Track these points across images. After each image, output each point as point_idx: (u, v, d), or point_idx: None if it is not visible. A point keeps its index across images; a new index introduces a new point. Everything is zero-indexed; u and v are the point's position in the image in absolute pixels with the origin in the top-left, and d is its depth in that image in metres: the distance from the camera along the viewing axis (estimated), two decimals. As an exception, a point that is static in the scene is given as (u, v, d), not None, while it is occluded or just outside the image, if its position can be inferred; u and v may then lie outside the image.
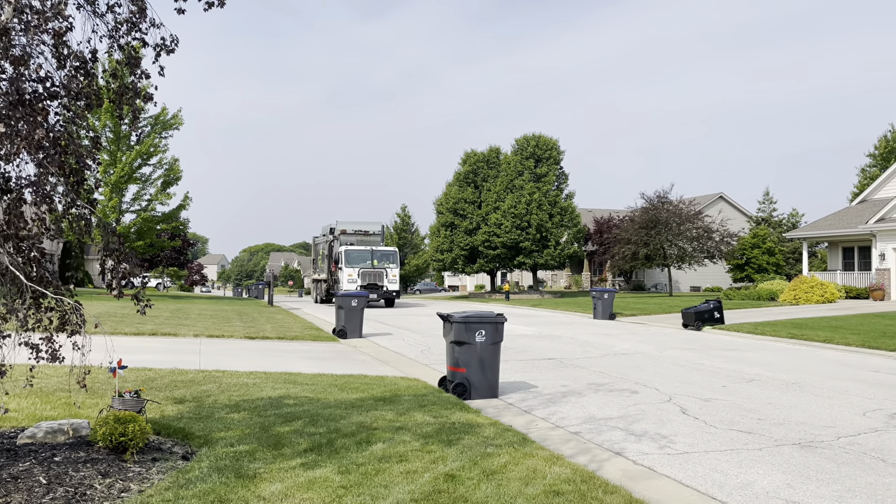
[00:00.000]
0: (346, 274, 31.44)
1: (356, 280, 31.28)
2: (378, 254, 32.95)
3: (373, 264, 32.30)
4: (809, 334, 17.44)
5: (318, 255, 38.72)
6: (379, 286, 31.81)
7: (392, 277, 32.39)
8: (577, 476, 5.55)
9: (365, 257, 32.37)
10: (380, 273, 32.10)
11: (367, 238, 34.32)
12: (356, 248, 32.67)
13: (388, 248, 33.84)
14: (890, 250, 29.04)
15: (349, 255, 32.05)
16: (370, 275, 31.79)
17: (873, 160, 51.73)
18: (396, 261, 33.22)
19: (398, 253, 33.69)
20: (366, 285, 31.21)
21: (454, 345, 9.37)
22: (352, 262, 31.85)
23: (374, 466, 5.63)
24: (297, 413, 7.52)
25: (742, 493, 5.47)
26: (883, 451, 6.77)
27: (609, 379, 11.14)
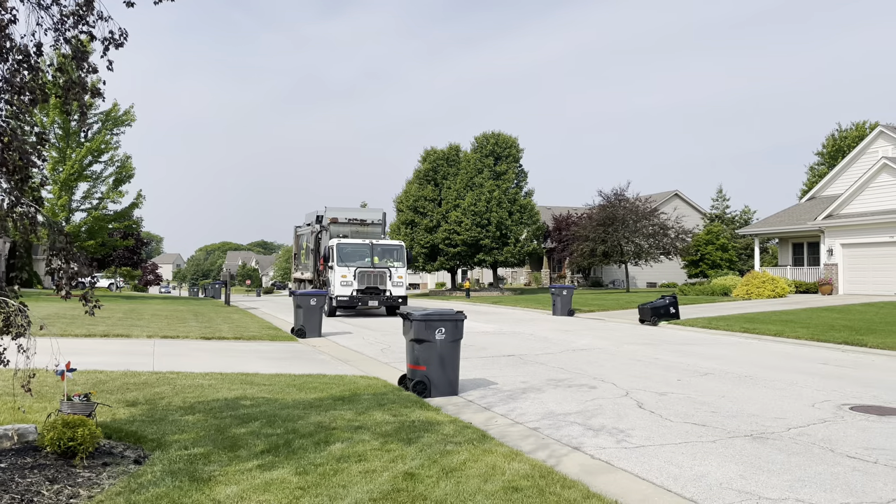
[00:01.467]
0: (338, 274, 24.02)
1: (351, 283, 24.05)
2: (379, 249, 25.26)
3: (373, 262, 24.77)
4: (761, 328, 17.87)
5: (302, 248, 30.71)
6: (380, 291, 24.32)
7: (397, 279, 24.80)
8: (536, 472, 5.58)
9: (362, 253, 24.90)
10: (381, 274, 24.53)
11: (365, 229, 26.85)
12: (351, 242, 25.11)
13: (393, 241, 26.02)
14: (837, 246, 29.95)
15: (342, 251, 24.57)
16: (369, 276, 24.35)
17: (822, 158, 53.31)
18: (403, 258, 25.39)
19: (405, 248, 25.91)
20: (363, 290, 24.12)
21: (414, 343, 9.34)
22: (346, 259, 24.41)
23: (332, 466, 5.57)
24: (254, 414, 7.41)
25: (696, 484, 5.57)
26: (831, 441, 6.96)
27: (568, 374, 11.25)
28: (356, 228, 26.69)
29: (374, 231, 27.16)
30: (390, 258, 25.29)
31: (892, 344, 14.49)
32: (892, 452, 6.52)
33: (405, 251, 25.72)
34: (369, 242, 25.23)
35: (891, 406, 8.74)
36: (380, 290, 24.40)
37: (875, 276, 28.45)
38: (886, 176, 27.98)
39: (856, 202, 29.22)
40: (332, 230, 26.06)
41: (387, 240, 26.40)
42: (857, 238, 29.13)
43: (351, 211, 27.52)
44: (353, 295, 23.83)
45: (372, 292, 24.30)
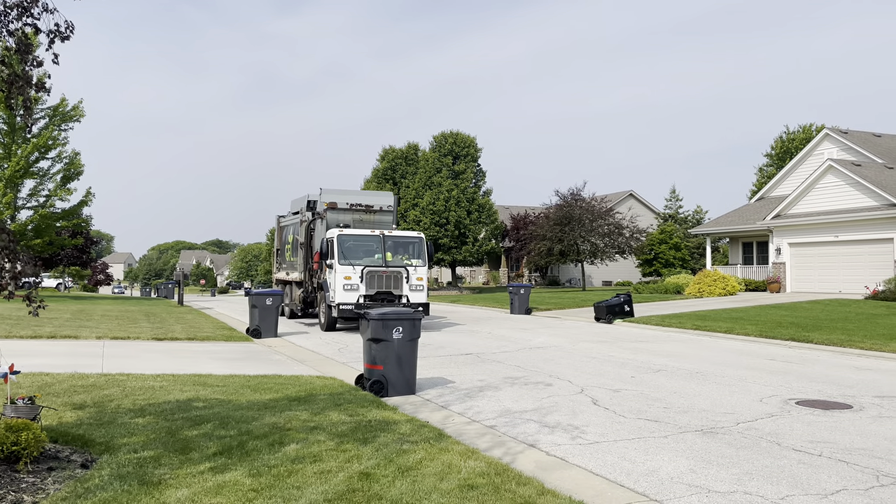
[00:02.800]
0: (339, 276, 18.17)
1: (357, 286, 18.18)
2: (393, 242, 19.19)
3: (385, 260, 18.74)
4: (712, 325, 18.28)
5: (287, 243, 24.14)
6: (395, 297, 18.58)
7: (417, 282, 18.85)
8: (492, 469, 5.61)
9: (371, 248, 18.99)
10: (396, 275, 18.58)
11: (371, 217, 20.66)
12: (357, 234, 19.01)
13: (410, 232, 19.91)
14: (785, 245, 30.81)
15: (345, 245, 18.62)
16: (381, 278, 18.43)
17: (770, 160, 54.74)
18: (423, 254, 19.34)
19: (426, 241, 19.68)
20: (373, 295, 18.29)
21: (371, 342, 9.30)
22: (349, 255, 18.51)
23: (286, 468, 5.51)
24: (207, 416, 7.28)
25: (648, 479, 5.67)
26: (778, 435, 7.16)
27: (524, 372, 11.34)
28: (360, 216, 20.43)
29: (384, 220, 20.64)
30: (407, 254, 19.23)
31: (836, 340, 14.98)
32: (836, 445, 6.74)
33: (427, 245, 19.34)
34: (380, 234, 18.95)
35: (835, 400, 9.03)
36: (394, 295, 18.34)
37: (821, 275, 29.36)
38: (832, 177, 28.90)
39: (803, 203, 30.11)
40: (330, 218, 19.95)
41: (402, 231, 20.02)
42: (803, 237, 30.02)
43: (353, 194, 21.27)
44: (359, 303, 17.76)
45: (384, 299, 18.22)
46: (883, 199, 26.39)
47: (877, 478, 5.72)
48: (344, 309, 17.85)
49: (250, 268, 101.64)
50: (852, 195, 27.95)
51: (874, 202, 26.90)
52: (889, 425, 7.61)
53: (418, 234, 19.65)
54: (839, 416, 8.10)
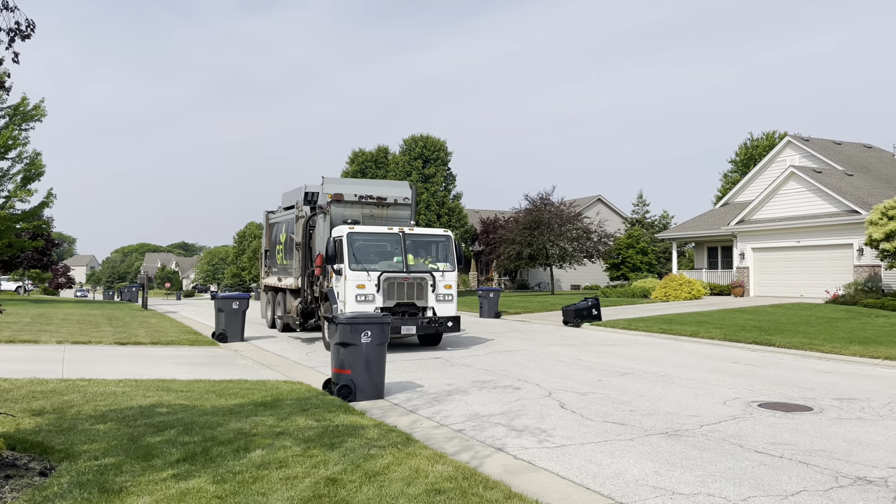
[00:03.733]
0: (351, 283, 14.56)
1: (372, 296, 14.58)
2: (414, 242, 15.55)
3: (406, 264, 15.16)
4: (678, 329, 18.53)
5: (278, 243, 20.34)
6: (419, 309, 15.00)
7: (445, 291, 15.27)
8: (459, 473, 5.61)
9: (388, 249, 15.49)
10: (420, 282, 15.01)
11: (385, 212, 17.12)
12: (371, 231, 15.39)
13: (435, 230, 16.28)
14: (749, 250, 31.37)
15: (357, 245, 15.04)
16: (401, 286, 14.87)
17: (735, 166, 55.72)
18: (452, 255, 15.71)
19: (454, 240, 15.98)
20: (393, 307, 14.70)
21: (339, 346, 9.24)
22: (362, 258, 14.94)
23: (251, 474, 5.44)
24: (170, 422, 7.16)
25: (614, 482, 5.72)
26: (741, 437, 7.28)
27: (493, 376, 11.36)
28: (371, 211, 16.84)
29: (399, 215, 17.08)
30: (431, 256, 15.60)
31: (797, 343, 15.28)
32: (797, 447, 6.87)
33: (455, 245, 15.69)
34: (398, 231, 15.28)
35: (796, 403, 9.21)
36: (417, 308, 14.84)
37: (783, 279, 29.95)
38: (794, 184, 29.51)
39: (766, 208, 30.69)
40: (335, 213, 16.42)
41: (423, 228, 16.19)
42: (766, 242, 30.60)
43: (363, 184, 17.89)
44: (376, 313, 13.67)
45: (405, 312, 14.73)
46: (843, 205, 27.02)
47: (836, 479, 5.84)
48: None
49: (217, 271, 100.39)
50: (814, 201, 28.57)
51: (834, 208, 27.53)
52: (848, 427, 7.78)
53: (445, 232, 15.86)
54: (800, 418, 8.26)
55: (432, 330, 14.89)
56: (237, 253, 77.46)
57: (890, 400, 9.44)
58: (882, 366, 12.80)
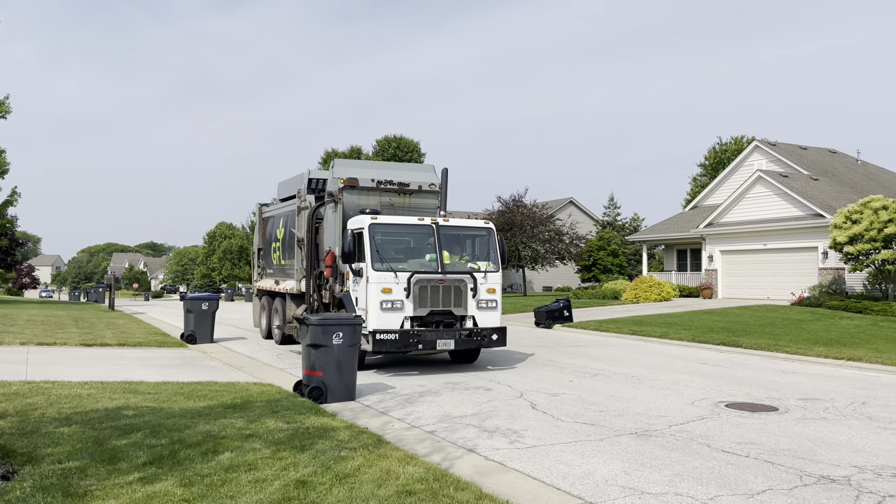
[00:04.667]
0: (374, 287, 11.79)
1: (401, 303, 11.83)
2: (448, 236, 12.67)
3: (441, 263, 12.27)
4: (648, 330, 18.74)
5: (275, 240, 17.51)
6: (456, 318, 12.24)
7: (487, 296, 12.50)
8: (430, 475, 5.60)
9: (418, 244, 12.75)
10: (458, 286, 12.19)
11: (407, 201, 14.09)
12: (397, 223, 12.55)
13: (473, 221, 13.51)
14: (717, 253, 31.84)
15: (380, 240, 12.18)
16: (436, 291, 12.04)
17: (704, 170, 56.58)
18: (495, 253, 12.93)
19: (496, 233, 13.21)
20: (426, 316, 12.01)
21: (310, 348, 9.18)
22: (388, 255, 12.13)
23: (220, 477, 5.38)
24: (137, 424, 7.05)
25: (584, 482, 5.76)
26: (708, 437, 7.38)
27: (465, 377, 11.38)
28: (391, 199, 13.82)
29: (424, 204, 14.07)
30: (467, 253, 12.84)
31: (764, 344, 15.55)
32: (763, 446, 6.99)
33: (498, 240, 12.96)
34: (431, 223, 12.41)
35: (762, 403, 9.37)
36: (455, 317, 12.10)
37: (750, 281, 30.44)
38: (761, 187, 30.01)
39: (734, 211, 31.17)
40: (347, 202, 13.35)
41: (458, 219, 13.03)
42: (734, 245, 31.07)
43: (381, 167, 14.95)
44: (404, 329, 11.61)
45: (440, 322, 12.01)
46: (808, 209, 27.55)
47: (800, 477, 5.95)
48: (384, 339, 11.32)
49: (186, 271, 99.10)
50: (780, 205, 29.09)
51: (800, 212, 28.06)
52: (812, 427, 7.93)
53: (486, 224, 13.03)
54: (766, 417, 8.41)
55: (473, 344, 12.01)
56: (207, 253, 76.57)
57: (853, 400, 9.64)
58: (845, 366, 13.07)
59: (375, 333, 11.34)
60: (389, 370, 12.22)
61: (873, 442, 7.22)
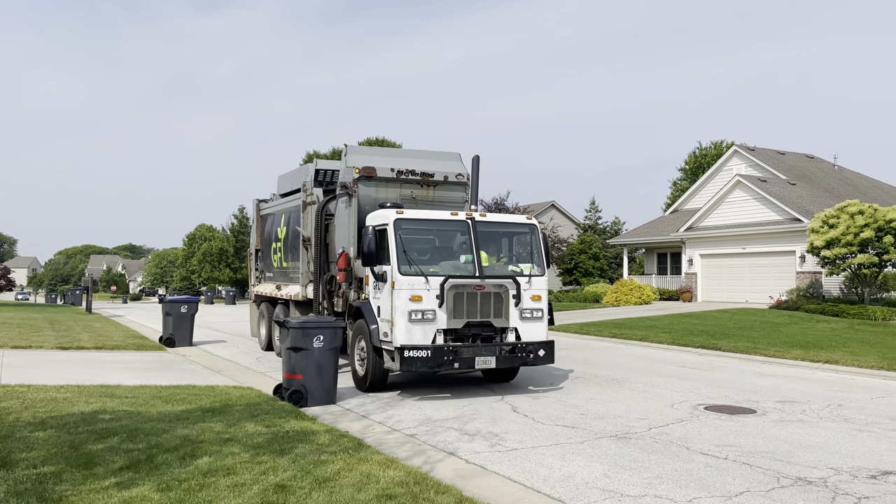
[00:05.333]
0: (401, 292, 9.76)
1: (433, 313, 9.77)
2: (487, 233, 10.73)
3: (479, 266, 10.18)
4: (628, 333, 18.84)
5: (275, 239, 15.89)
6: (496, 331, 10.22)
7: (532, 304, 10.43)
8: (411, 478, 5.59)
9: (450, 243, 10.91)
10: (499, 294, 10.16)
11: (431, 193, 12.35)
12: (427, 218, 10.61)
13: (515, 218, 11.47)
14: (697, 256, 32.11)
15: (406, 238, 10.15)
16: (473, 299, 10.01)
17: (684, 174, 57.05)
18: (539, 253, 10.92)
19: (540, 232, 11.13)
20: (462, 328, 9.94)
21: (291, 351, 9.12)
22: (417, 257, 10.16)
23: (198, 481, 5.32)
24: (114, 428, 6.96)
25: (564, 485, 5.77)
26: (687, 439, 7.43)
27: (446, 381, 11.36)
28: (412, 192, 12.12)
29: (451, 198, 12.43)
30: (505, 255, 11.16)
31: (742, 347, 15.69)
32: (741, 449, 7.05)
33: (542, 237, 11.10)
34: (465, 218, 10.51)
35: (740, 405, 9.45)
36: (495, 329, 10.24)
37: (729, 285, 30.73)
38: (740, 192, 30.33)
39: (713, 216, 31.47)
40: (363, 195, 11.68)
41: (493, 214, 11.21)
42: (713, 249, 31.36)
43: (400, 155, 12.81)
44: (437, 345, 9.73)
45: (477, 336, 10.13)
46: (786, 213, 27.88)
47: (777, 479, 6.01)
48: (414, 357, 9.42)
49: (165, 274, 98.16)
50: (759, 209, 29.41)
51: (778, 216, 28.39)
52: (789, 429, 8.01)
53: (528, 220, 11.16)
54: (744, 420, 8.48)
55: (517, 362, 10.11)
56: (187, 255, 75.90)
57: (829, 402, 9.76)
58: (822, 369, 13.23)
59: (404, 350, 9.42)
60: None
61: (849, 444, 7.31)
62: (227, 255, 65.95)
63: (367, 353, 10.29)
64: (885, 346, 15.50)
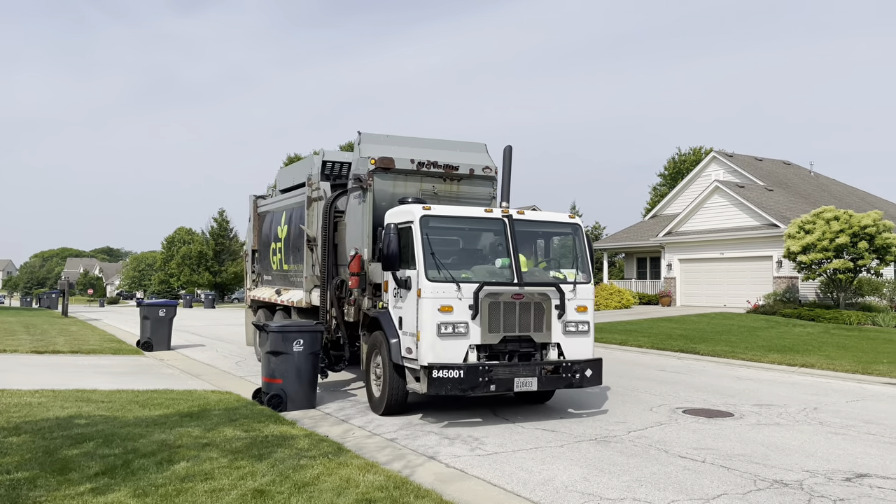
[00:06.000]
0: (428, 301, 8.26)
1: (464, 325, 8.29)
2: (525, 233, 9.25)
3: (517, 271, 8.66)
4: (608, 337, 18.95)
5: (275, 239, 14.54)
6: (537, 346, 8.66)
7: (578, 317, 9.00)
8: (391, 483, 5.57)
9: (483, 245, 9.64)
10: (541, 303, 8.64)
11: (457, 188, 10.94)
12: (458, 215, 9.20)
13: (556, 216, 9.62)
14: (676, 261, 32.40)
15: (434, 238, 8.74)
16: (511, 310, 8.48)
17: (663, 180, 57.52)
18: (585, 257, 9.49)
19: (584, 233, 9.65)
20: (498, 344, 8.44)
21: (270, 355, 9.06)
22: (447, 260, 8.77)
23: (175, 487, 5.27)
24: (90, 433, 6.87)
25: (544, 488, 5.78)
26: (666, 442, 7.48)
27: (426, 385, 11.33)
28: (434, 186, 10.79)
29: (477, 193, 11.09)
30: (544, 259, 9.88)
31: (720, 351, 15.85)
32: (718, 452, 7.11)
33: (586, 238, 9.73)
34: (501, 216, 9.10)
35: (718, 409, 9.54)
36: (535, 344, 8.74)
37: (708, 289, 31.02)
38: (718, 197, 30.65)
39: (692, 221, 31.76)
40: (380, 190, 10.36)
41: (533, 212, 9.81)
42: (692, 254, 31.64)
43: (420, 144, 11.12)
44: (470, 364, 8.23)
45: (515, 352, 8.67)
46: (764, 219, 28.21)
47: (754, 482, 6.07)
48: (444, 378, 8.01)
49: (143, 277, 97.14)
50: (736, 215, 29.73)
51: (756, 222, 28.72)
52: (766, 432, 8.10)
53: (571, 219, 9.67)
54: (722, 423, 8.56)
55: (562, 384, 8.66)
56: (165, 259, 75.13)
57: (805, 406, 9.88)
58: (798, 373, 13.39)
59: (432, 370, 7.99)
60: (349, 378, 12.13)
61: (825, 447, 7.41)
62: (207, 258, 65.35)
63: (384, 371, 8.86)
64: (860, 350, 15.73)
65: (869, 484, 6.06)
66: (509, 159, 10.04)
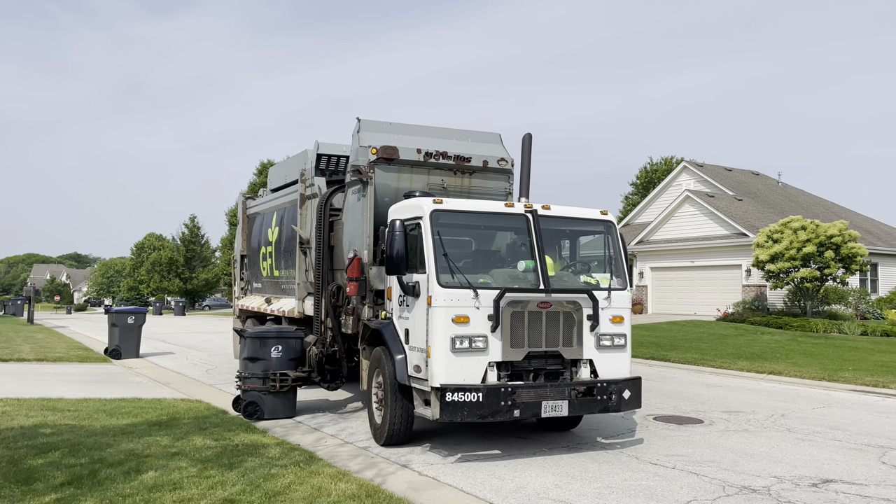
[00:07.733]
0: (441, 310, 6.99)
1: (482, 339, 7.03)
2: (551, 231, 7.98)
3: (543, 275, 7.37)
4: (581, 345, 19.03)
5: (265, 243, 13.06)
6: (566, 363, 7.42)
7: (613, 329, 7.79)
8: (363, 491, 5.54)
9: (502, 245, 8.57)
10: (569, 314, 7.40)
11: (468, 181, 9.60)
12: (473, 210, 7.80)
13: (585, 213, 8.22)
14: (647, 269, 32.75)
15: (446, 237, 7.46)
16: (537, 320, 7.26)
17: (635, 189, 58.15)
18: (620, 260, 8.19)
19: (618, 231, 8.28)
20: (523, 362, 7.19)
21: (248, 361, 8.96)
22: (461, 264, 7.46)
23: (143, 497, 5.19)
24: (55, 443, 6.74)
25: (517, 495, 5.80)
26: (637, 449, 7.55)
27: (399, 392, 11.30)
28: (444, 179, 9.50)
29: (491, 188, 9.76)
30: (572, 262, 8.65)
31: (691, 359, 16.03)
32: (688, 458, 7.19)
33: (621, 238, 8.35)
34: (524, 211, 7.73)
35: (688, 416, 9.64)
36: (564, 361, 7.47)
37: (679, 297, 31.39)
38: (689, 207, 31.07)
39: (663, 230, 32.16)
40: (382, 183, 9.10)
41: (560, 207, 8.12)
42: (663, 262, 32.03)
43: (427, 133, 9.81)
44: (490, 385, 6.94)
45: (541, 370, 7.37)
46: (733, 228, 28.66)
47: (723, 488, 6.14)
48: (459, 402, 6.74)
49: (112, 284, 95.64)
50: (707, 224, 30.16)
51: (725, 231, 29.16)
52: (735, 438, 8.21)
53: (603, 216, 8.33)
54: (692, 430, 8.66)
55: (596, 407, 7.43)
56: (135, 265, 74.09)
57: (773, 412, 10.03)
58: (766, 380, 13.60)
59: (445, 392, 6.74)
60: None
61: (792, 453, 7.53)
62: (177, 264, 64.53)
63: (386, 392, 7.56)
64: (826, 358, 16.02)
65: (835, 489, 6.17)
66: (529, 149, 8.73)
